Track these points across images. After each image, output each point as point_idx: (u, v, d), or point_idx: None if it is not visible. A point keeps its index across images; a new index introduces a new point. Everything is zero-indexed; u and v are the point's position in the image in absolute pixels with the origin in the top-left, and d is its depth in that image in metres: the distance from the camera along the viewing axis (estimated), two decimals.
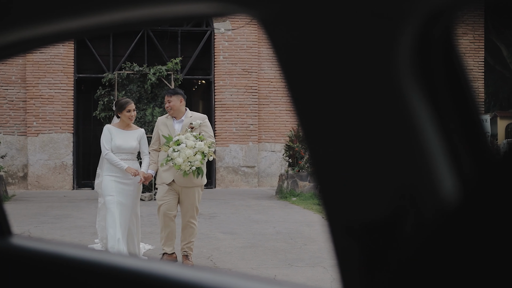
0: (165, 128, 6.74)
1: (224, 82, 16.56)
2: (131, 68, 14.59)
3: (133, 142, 6.63)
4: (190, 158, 6.33)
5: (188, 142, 6.36)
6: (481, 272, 0.55)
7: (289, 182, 13.75)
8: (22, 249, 1.31)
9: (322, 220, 9.74)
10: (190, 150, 6.33)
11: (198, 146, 6.39)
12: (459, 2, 0.58)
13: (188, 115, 6.84)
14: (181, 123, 6.77)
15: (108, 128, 6.72)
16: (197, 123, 6.66)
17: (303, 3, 0.63)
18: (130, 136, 6.68)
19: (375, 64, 0.61)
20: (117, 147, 6.57)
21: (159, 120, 6.98)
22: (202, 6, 0.71)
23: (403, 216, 0.62)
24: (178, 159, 6.30)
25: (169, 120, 6.83)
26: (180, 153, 6.32)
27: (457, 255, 0.56)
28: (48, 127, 15.90)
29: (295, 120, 0.69)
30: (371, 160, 0.64)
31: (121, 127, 6.73)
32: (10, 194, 13.96)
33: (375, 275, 0.65)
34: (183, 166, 6.32)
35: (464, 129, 0.62)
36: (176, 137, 6.42)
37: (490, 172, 0.56)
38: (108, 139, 6.61)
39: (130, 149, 6.63)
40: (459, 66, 0.63)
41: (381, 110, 0.62)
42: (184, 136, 6.41)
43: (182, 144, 6.37)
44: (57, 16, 0.84)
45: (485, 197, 0.55)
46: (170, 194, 6.64)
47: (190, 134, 6.46)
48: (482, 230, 0.55)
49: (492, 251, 0.54)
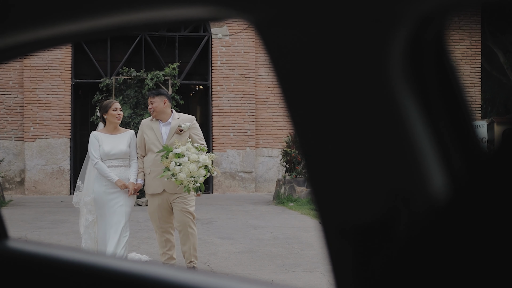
0: (150, 132, 6.22)
1: (221, 87, 16.57)
2: (128, 73, 14.59)
3: (123, 146, 6.08)
4: (194, 173, 5.80)
5: (191, 155, 5.82)
6: (473, 270, 0.55)
7: (286, 188, 13.74)
8: (19, 252, 1.31)
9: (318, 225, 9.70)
10: (194, 164, 5.79)
11: (202, 160, 5.86)
12: (452, 6, 0.59)
13: (175, 116, 6.31)
14: (168, 125, 6.24)
15: (94, 135, 6.13)
16: (186, 125, 6.17)
17: (297, 8, 0.63)
18: (119, 140, 6.12)
19: (367, 68, 0.62)
20: (106, 153, 6.02)
21: (143, 124, 6.37)
22: (197, 10, 0.72)
23: (395, 217, 0.63)
24: (181, 175, 5.76)
25: (155, 123, 6.27)
26: (183, 168, 5.77)
27: (450, 254, 0.57)
28: (46, 132, 15.89)
29: (289, 124, 0.70)
30: (363, 162, 0.65)
31: (108, 131, 6.16)
32: (7, 199, 13.93)
33: (369, 276, 0.66)
34: (185, 182, 5.80)
35: (454, 129, 0.63)
36: (178, 149, 5.83)
37: (480, 171, 0.57)
38: (96, 147, 6.05)
39: (121, 154, 6.08)
40: (451, 70, 0.63)
41: (373, 113, 0.63)
42: (185, 148, 5.86)
43: (184, 157, 5.80)
44: (54, 20, 0.84)
45: (475, 196, 0.55)
46: (162, 206, 6.17)
47: (191, 145, 5.94)
48: (474, 228, 0.55)
49: (483, 248, 0.55)
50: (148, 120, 6.39)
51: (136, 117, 14.29)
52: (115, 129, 6.15)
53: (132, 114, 14.37)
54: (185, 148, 5.85)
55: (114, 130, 6.13)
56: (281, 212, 12.03)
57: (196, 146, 5.94)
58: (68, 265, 1.20)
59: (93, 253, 1.32)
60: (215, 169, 5.99)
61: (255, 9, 0.67)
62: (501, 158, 0.54)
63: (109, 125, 6.13)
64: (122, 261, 1.16)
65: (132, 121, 14.28)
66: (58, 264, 1.22)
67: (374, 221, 0.65)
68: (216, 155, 15.28)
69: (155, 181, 6.09)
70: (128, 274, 1.11)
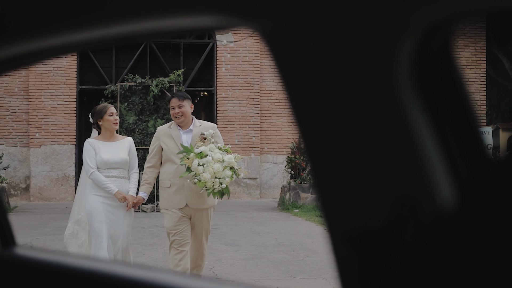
0: (170, 141, 5.50)
1: (226, 94, 16.59)
2: (133, 80, 14.63)
3: (122, 154, 5.45)
4: (218, 174, 5.17)
5: (215, 154, 5.21)
6: (480, 279, 0.55)
7: (291, 194, 13.73)
8: (26, 259, 1.32)
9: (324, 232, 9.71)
10: (218, 164, 5.17)
11: (227, 160, 5.24)
12: (458, 15, 0.59)
13: (197, 124, 5.63)
14: (189, 133, 5.55)
15: (90, 143, 5.46)
16: (209, 133, 5.46)
17: (305, 17, 0.64)
18: (119, 147, 5.49)
19: (374, 76, 0.62)
20: (104, 162, 5.37)
21: (160, 131, 5.63)
22: (205, 19, 0.72)
23: (402, 225, 0.63)
24: (205, 175, 5.09)
25: (174, 130, 5.55)
26: (206, 168, 5.12)
27: (457, 264, 0.57)
28: (51, 138, 15.93)
29: (296, 131, 0.70)
30: (370, 169, 0.65)
31: (104, 138, 5.51)
32: (13, 206, 13.96)
33: (375, 284, 0.66)
34: (209, 183, 5.13)
35: (462, 138, 0.63)
36: (199, 149, 5.22)
37: (487, 179, 0.57)
38: (92, 155, 5.39)
39: (120, 163, 5.43)
40: (457, 78, 0.64)
41: (380, 121, 0.63)
42: (208, 148, 5.24)
43: (208, 157, 5.17)
44: (60, 29, 0.85)
45: (482, 204, 0.55)
46: (183, 222, 5.46)
47: (214, 145, 5.34)
48: (481, 237, 0.56)
49: (491, 257, 0.55)
50: (165, 127, 5.67)
51: (141, 124, 14.31)
52: (112, 136, 5.54)
53: (137, 121, 14.39)
54: (208, 148, 5.25)
55: (111, 137, 5.52)
56: (286, 218, 12.02)
57: (220, 146, 5.38)
58: (75, 272, 1.21)
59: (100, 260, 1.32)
60: (242, 171, 5.44)
61: (263, 18, 0.67)
62: (507, 166, 0.54)
63: (105, 131, 5.52)
64: (129, 268, 1.16)
65: (137, 127, 14.31)
66: (65, 271, 1.23)
67: (381, 229, 0.65)
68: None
69: (176, 195, 5.45)
70: (135, 281, 1.11)
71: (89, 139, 5.53)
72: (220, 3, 0.69)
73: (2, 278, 1.33)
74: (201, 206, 5.46)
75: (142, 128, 14.24)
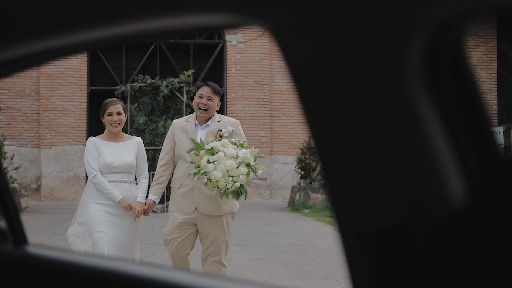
0: (183, 136, 4.81)
1: (236, 94, 16.59)
2: (143, 81, 14.66)
3: (128, 157, 4.80)
4: (232, 172, 4.41)
5: (228, 150, 4.47)
6: (491, 277, 0.55)
7: (301, 194, 13.72)
8: (38, 258, 1.33)
9: (334, 232, 9.74)
10: (232, 160, 4.42)
11: (242, 155, 4.48)
12: (469, 12, 0.59)
13: (216, 119, 4.88)
14: (207, 129, 4.84)
15: (92, 142, 4.84)
16: (228, 130, 4.69)
17: (316, 14, 0.64)
18: (123, 148, 4.84)
19: (385, 74, 0.62)
20: (107, 165, 4.74)
21: (176, 124, 4.91)
22: (216, 17, 0.73)
23: (413, 223, 0.63)
24: (216, 173, 4.35)
25: (190, 124, 4.86)
26: (218, 165, 4.39)
27: (468, 261, 0.57)
28: (61, 139, 15.99)
29: (307, 131, 0.71)
30: (381, 167, 0.65)
31: (109, 138, 4.88)
32: (24, 206, 14.03)
33: (386, 282, 0.66)
34: (221, 182, 4.39)
35: (472, 135, 0.63)
36: (210, 144, 4.49)
37: (498, 177, 0.57)
38: (94, 156, 4.77)
39: (125, 166, 4.79)
40: (469, 75, 0.64)
41: (391, 120, 0.63)
42: (220, 143, 4.52)
43: (220, 153, 4.45)
44: (71, 28, 0.85)
45: (493, 202, 0.55)
46: (184, 228, 4.72)
47: (228, 140, 4.61)
48: (492, 235, 0.55)
49: (501, 255, 0.55)
50: (182, 121, 4.96)
51: (151, 124, 14.36)
52: (118, 136, 4.89)
53: (147, 121, 14.43)
54: (220, 144, 4.51)
55: (116, 137, 4.88)
56: (296, 218, 12.01)
57: (234, 141, 4.60)
58: (86, 271, 1.21)
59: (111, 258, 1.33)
60: (260, 167, 4.58)
61: (274, 16, 0.67)
62: None
63: (109, 131, 4.89)
64: (142, 267, 1.16)
65: (147, 128, 14.35)
66: (77, 269, 1.23)
67: (392, 227, 0.65)
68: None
69: (185, 197, 4.73)
70: (147, 280, 1.11)
71: (92, 137, 4.92)
72: (231, 2, 0.69)
73: (14, 276, 1.34)
74: (214, 212, 4.69)
75: (152, 128, 14.28)
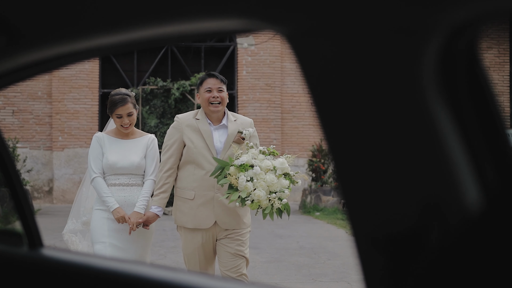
0: (197, 136, 4.02)
1: (247, 96, 16.60)
2: (155, 83, 14.71)
3: (135, 157, 4.11)
4: (274, 187, 3.74)
5: (261, 162, 3.77)
6: (507, 281, 0.55)
7: (312, 197, 13.70)
8: (53, 260, 1.34)
9: (346, 234, 9.71)
10: (271, 174, 3.75)
11: (279, 165, 3.80)
12: (483, 16, 0.59)
13: (231, 118, 4.17)
14: (223, 130, 4.09)
15: (98, 138, 4.18)
16: (249, 132, 4.07)
17: (331, 19, 0.64)
18: (132, 147, 4.16)
19: (400, 78, 0.62)
20: (110, 166, 4.09)
21: (182, 121, 4.09)
22: (231, 22, 0.73)
23: (428, 227, 0.63)
24: (258, 192, 3.68)
25: (203, 123, 4.06)
26: (257, 182, 3.70)
27: (483, 266, 0.57)
28: (73, 141, 16.06)
29: (320, 134, 0.71)
30: (396, 171, 0.65)
31: (118, 134, 4.22)
32: (36, 208, 14.09)
33: (400, 286, 0.66)
34: (264, 202, 3.73)
35: (487, 138, 0.63)
36: (240, 160, 3.74)
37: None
38: (97, 155, 4.13)
39: (131, 168, 4.11)
40: (484, 79, 0.64)
41: (406, 123, 0.63)
42: (250, 155, 3.79)
43: (255, 167, 3.73)
44: (88, 34, 0.86)
45: (509, 206, 0.55)
46: (207, 245, 4.08)
47: (254, 149, 3.89)
48: (507, 240, 0.55)
49: None
50: (190, 117, 4.13)
51: (163, 127, 14.41)
52: (128, 133, 4.22)
53: (159, 124, 14.48)
54: (250, 156, 3.80)
55: (126, 134, 4.21)
56: (307, 221, 11.99)
57: (262, 149, 3.90)
58: (101, 273, 1.22)
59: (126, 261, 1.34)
60: (300, 175, 4.04)
61: (289, 21, 0.68)
62: None
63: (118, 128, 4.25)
64: (156, 270, 1.17)
65: (159, 130, 14.39)
66: (92, 272, 1.24)
67: (407, 231, 0.65)
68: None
69: (202, 211, 4.02)
70: (161, 283, 1.12)
71: (99, 132, 4.30)
72: (247, 7, 0.69)
73: (30, 279, 1.35)
74: (235, 227, 4.11)
75: (164, 131, 14.33)
